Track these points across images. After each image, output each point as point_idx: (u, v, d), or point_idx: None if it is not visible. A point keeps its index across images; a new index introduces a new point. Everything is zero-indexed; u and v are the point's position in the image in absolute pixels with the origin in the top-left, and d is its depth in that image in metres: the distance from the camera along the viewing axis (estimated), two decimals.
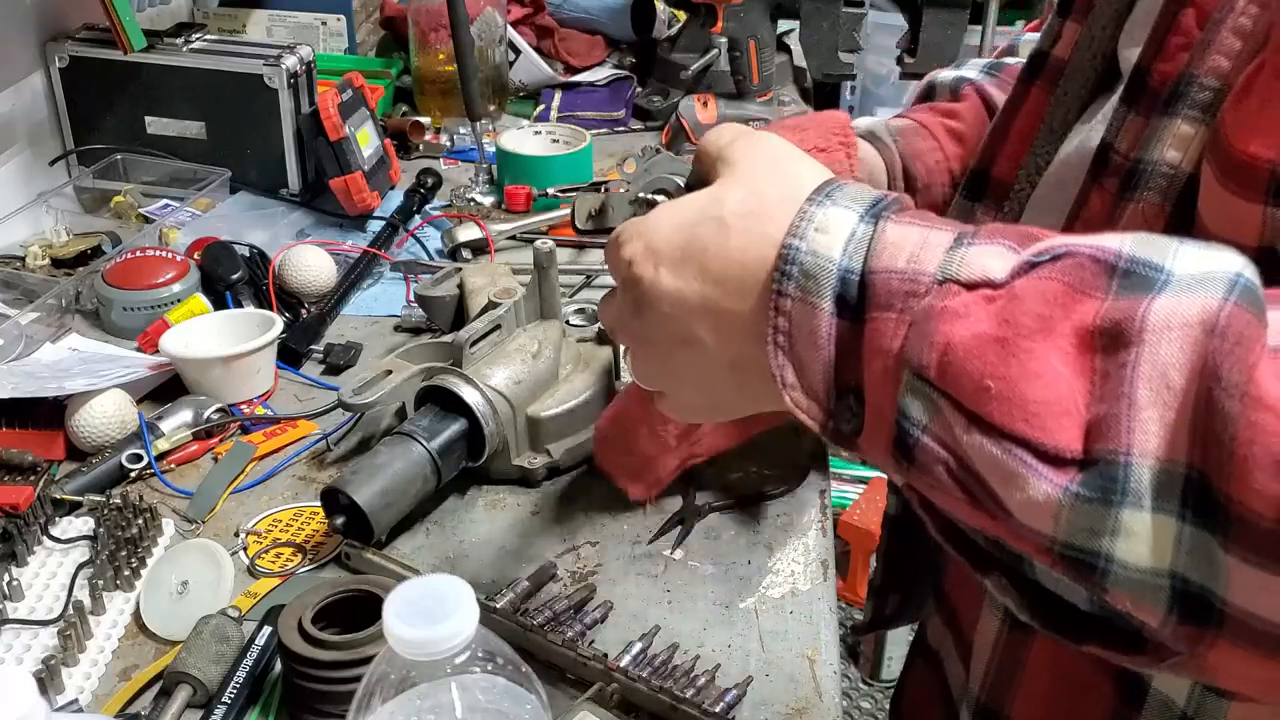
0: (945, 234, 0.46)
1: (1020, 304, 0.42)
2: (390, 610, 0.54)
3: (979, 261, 0.44)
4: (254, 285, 1.23)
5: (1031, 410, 0.41)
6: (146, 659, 0.81)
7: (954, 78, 0.93)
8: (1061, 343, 0.41)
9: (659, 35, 1.91)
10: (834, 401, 0.48)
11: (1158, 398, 0.39)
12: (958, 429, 0.42)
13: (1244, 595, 0.38)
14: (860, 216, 0.47)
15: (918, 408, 0.44)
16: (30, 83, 1.41)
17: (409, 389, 0.98)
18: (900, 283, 0.45)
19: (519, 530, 0.94)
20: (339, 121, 1.37)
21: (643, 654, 0.80)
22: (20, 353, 1.13)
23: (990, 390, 0.41)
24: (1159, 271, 0.41)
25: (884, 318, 0.45)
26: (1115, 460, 0.39)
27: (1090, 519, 0.40)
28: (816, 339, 0.47)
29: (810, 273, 0.47)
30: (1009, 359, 0.41)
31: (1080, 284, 0.42)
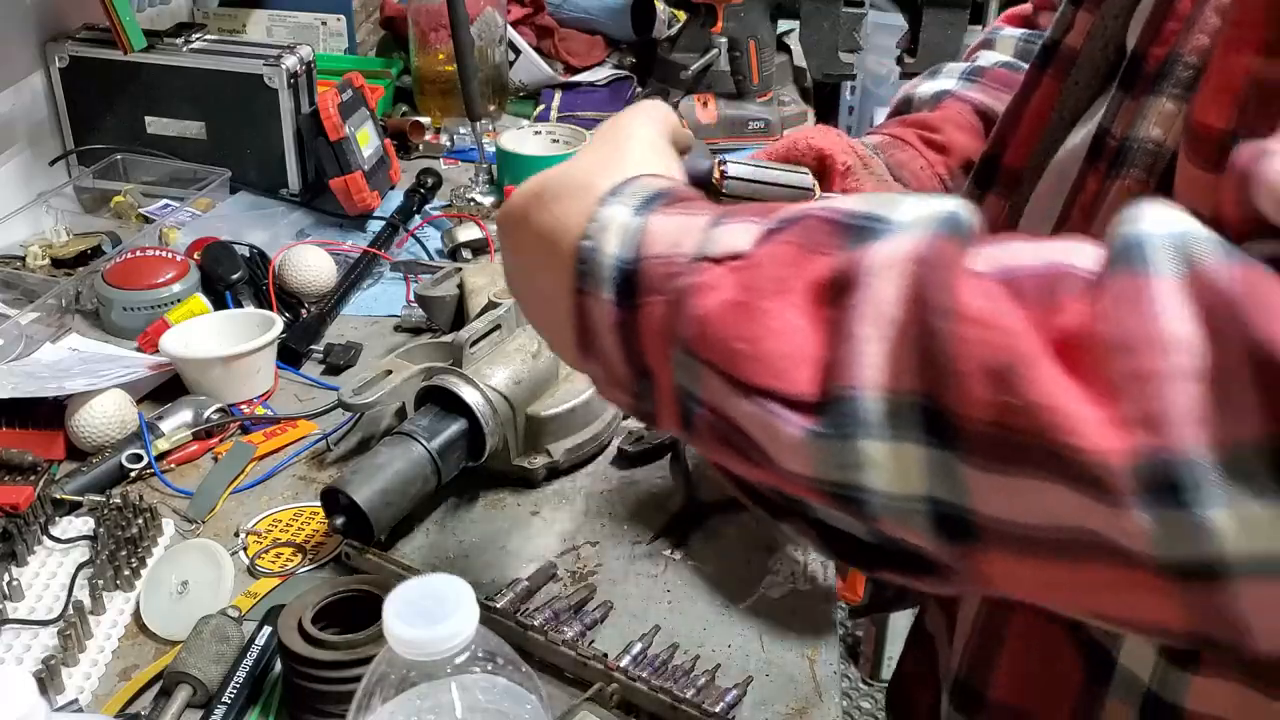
0: (703, 218, 0.49)
1: (759, 269, 0.46)
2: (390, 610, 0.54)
3: (727, 238, 0.48)
4: (254, 285, 1.23)
5: (774, 363, 0.43)
6: (146, 659, 0.81)
7: (933, 92, 0.93)
8: (796, 299, 0.44)
9: (659, 35, 1.91)
10: (635, 385, 0.51)
11: (879, 333, 0.41)
12: (721, 393, 0.45)
13: (988, 503, 0.40)
14: (634, 211, 0.51)
15: (688, 379, 0.47)
16: (30, 83, 1.41)
17: (409, 389, 0.98)
18: (662, 266, 0.48)
19: (519, 530, 0.94)
20: (339, 121, 1.37)
21: (643, 654, 0.80)
22: (20, 353, 1.13)
23: (739, 351, 0.44)
24: (881, 222, 0.44)
25: (653, 300, 0.49)
26: (845, 396, 0.42)
27: (837, 455, 0.42)
28: (606, 329, 0.51)
29: (593, 271, 0.51)
30: (751, 320, 0.44)
31: (812, 244, 0.45)
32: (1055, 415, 0.37)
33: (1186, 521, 0.36)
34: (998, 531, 0.41)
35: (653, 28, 1.91)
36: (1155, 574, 0.38)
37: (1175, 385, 0.36)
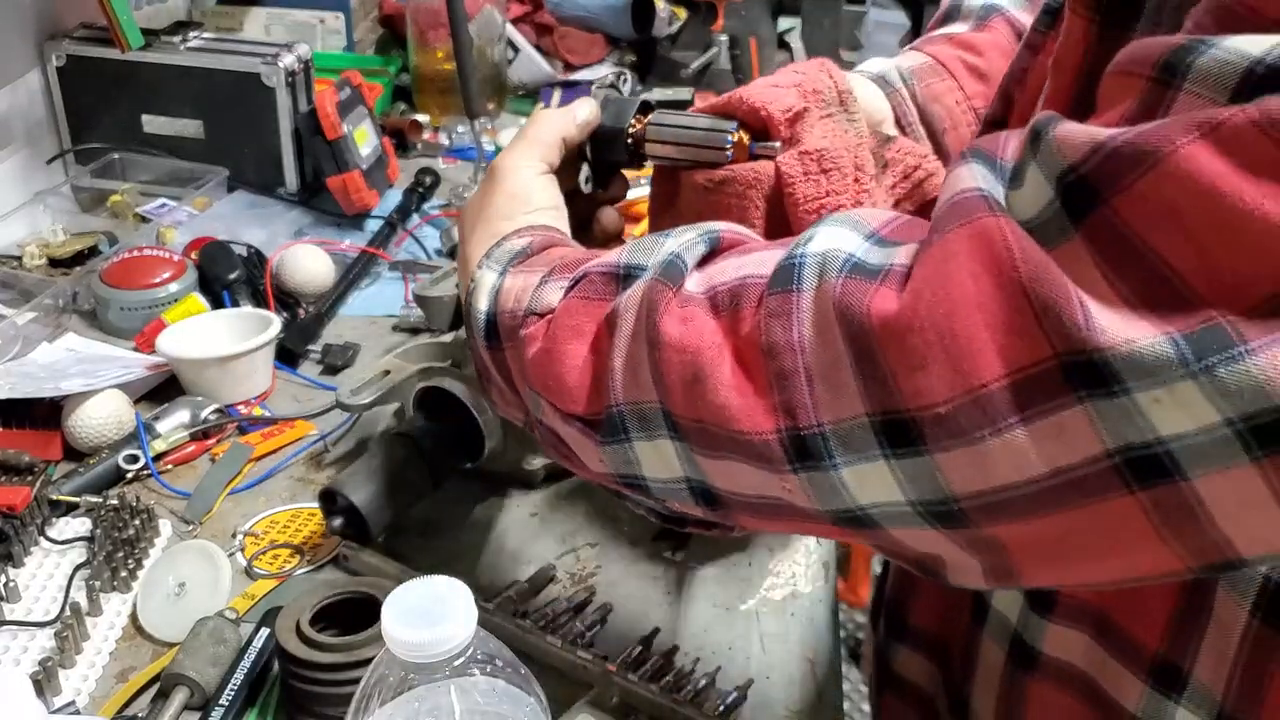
0: (537, 275, 0.61)
1: (558, 321, 0.58)
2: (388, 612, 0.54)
3: (546, 295, 0.60)
4: (251, 285, 1.23)
5: (571, 393, 0.57)
6: (144, 661, 0.81)
7: (983, 4, 0.88)
8: (588, 339, 0.57)
9: (659, 33, 1.91)
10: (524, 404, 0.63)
11: (624, 360, 0.54)
12: (550, 417, 0.59)
13: (719, 481, 0.53)
14: (499, 273, 0.63)
15: (535, 407, 0.61)
16: (27, 81, 1.41)
17: (407, 389, 0.98)
18: (510, 319, 0.61)
19: (518, 531, 0.94)
20: (337, 120, 1.37)
21: (643, 656, 0.80)
22: (17, 353, 1.13)
23: (551, 387, 0.58)
24: (641, 269, 0.56)
25: (509, 347, 0.61)
26: (612, 411, 0.55)
27: (618, 455, 0.56)
28: (489, 370, 0.64)
29: (473, 322, 0.64)
30: (552, 362, 0.58)
31: (596, 295, 0.57)
32: (728, 410, 0.50)
33: (825, 481, 0.48)
34: (734, 501, 0.54)
35: (652, 25, 1.91)
36: (830, 522, 0.50)
37: (801, 379, 0.47)
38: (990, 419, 0.42)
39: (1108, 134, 0.41)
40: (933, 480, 0.45)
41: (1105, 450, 0.41)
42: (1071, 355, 0.40)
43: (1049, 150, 0.43)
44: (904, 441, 0.45)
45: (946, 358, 0.43)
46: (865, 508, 0.48)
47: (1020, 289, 0.41)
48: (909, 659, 0.80)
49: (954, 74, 0.85)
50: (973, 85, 0.85)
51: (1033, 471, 0.42)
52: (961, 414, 0.43)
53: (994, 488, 0.44)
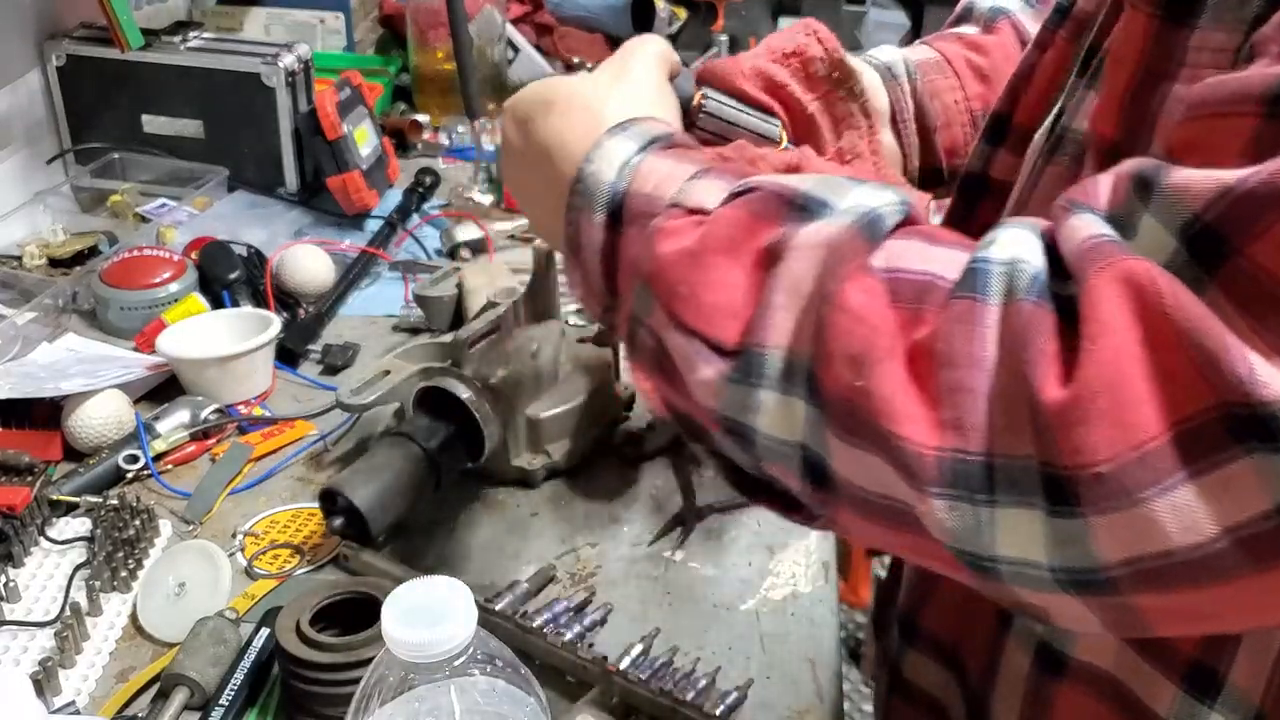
0: (690, 168, 0.56)
1: (714, 226, 0.52)
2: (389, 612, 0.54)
3: (699, 193, 0.54)
4: (251, 285, 1.23)
5: (706, 310, 0.51)
6: (144, 661, 0.81)
7: (991, 7, 0.89)
8: (743, 260, 0.51)
9: (659, 33, 1.91)
10: (606, 300, 0.59)
11: (790, 301, 0.48)
12: (661, 324, 0.53)
13: (841, 464, 0.48)
14: (638, 148, 0.58)
15: (641, 306, 0.55)
16: (27, 81, 1.41)
17: (407, 389, 0.98)
18: (643, 203, 0.56)
19: (519, 531, 0.94)
20: (337, 120, 1.37)
21: (643, 656, 0.80)
22: (17, 353, 1.13)
23: (680, 294, 0.52)
24: (822, 206, 0.50)
25: (630, 232, 0.56)
26: (754, 350, 0.49)
27: (739, 396, 0.50)
28: (590, 247, 0.58)
29: (589, 191, 0.58)
30: (696, 269, 0.52)
31: (763, 213, 0.51)
32: (889, 405, 0.45)
33: (971, 515, 0.43)
34: (846, 489, 0.48)
35: (653, 25, 1.91)
36: (952, 555, 0.45)
37: (979, 398, 0.43)
38: (1155, 477, 0.39)
39: (1236, 177, 0.39)
40: (1082, 546, 0.41)
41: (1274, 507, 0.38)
42: (1235, 406, 0.38)
43: (1166, 199, 0.41)
44: (1060, 499, 0.41)
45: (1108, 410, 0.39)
46: (998, 559, 0.44)
47: (1176, 334, 0.39)
48: (921, 665, 0.78)
49: (958, 73, 0.86)
50: (974, 87, 0.85)
51: (1202, 534, 0.39)
52: (1125, 473, 0.39)
53: (1153, 553, 0.40)
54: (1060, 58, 0.71)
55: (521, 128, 0.66)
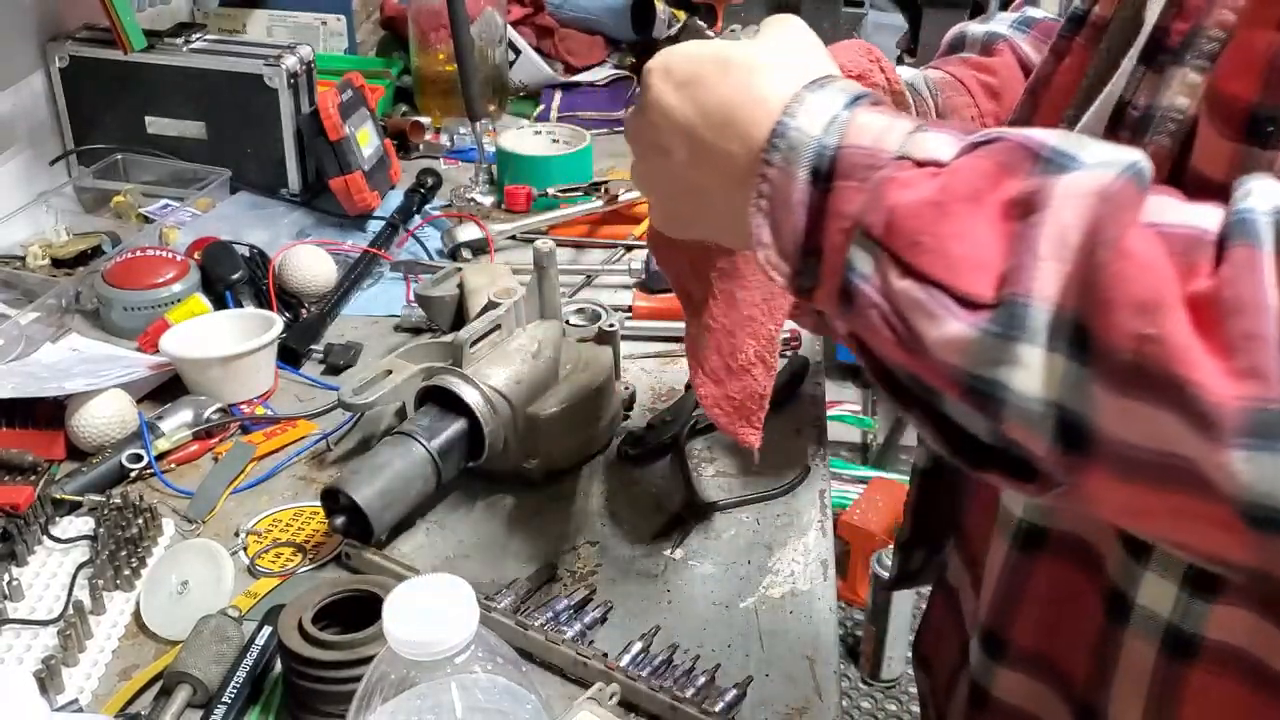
0: (908, 122, 0.55)
1: (957, 175, 0.51)
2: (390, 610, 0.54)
3: (930, 145, 0.53)
4: (254, 285, 1.23)
5: (954, 261, 0.49)
6: (146, 659, 0.81)
7: (985, 32, 0.91)
8: (988, 211, 0.49)
9: (659, 35, 1.91)
10: (799, 261, 0.56)
11: (1056, 252, 0.46)
12: (892, 276, 0.51)
13: (1108, 420, 0.46)
14: (845, 103, 0.56)
15: (862, 259, 0.52)
16: (30, 83, 1.41)
17: (409, 389, 0.98)
18: (863, 157, 0.54)
19: (519, 530, 0.94)
20: (339, 121, 1.37)
21: (643, 654, 0.80)
22: (20, 353, 1.13)
23: (922, 244, 0.50)
24: (1072, 160, 0.49)
25: (847, 185, 0.54)
26: (1017, 301, 0.47)
27: (993, 352, 0.47)
28: (791, 203, 0.55)
29: (794, 145, 0.55)
30: (941, 220, 0.50)
31: (1008, 164, 0.50)
32: (1186, 353, 0.43)
33: (1270, 465, 0.42)
34: (1110, 448, 0.46)
35: (653, 27, 1.91)
36: (1233, 512, 0.43)
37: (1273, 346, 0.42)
38: None
39: None
40: None
41: None
42: None
43: None
44: None
45: None
46: None
47: None
48: (1014, 682, 0.74)
49: (971, 91, 0.88)
50: (987, 104, 0.87)
51: None
52: None
53: None
54: (1079, 63, 0.73)
55: (687, 89, 0.62)
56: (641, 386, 1.13)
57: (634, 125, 0.66)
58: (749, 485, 0.99)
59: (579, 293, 1.29)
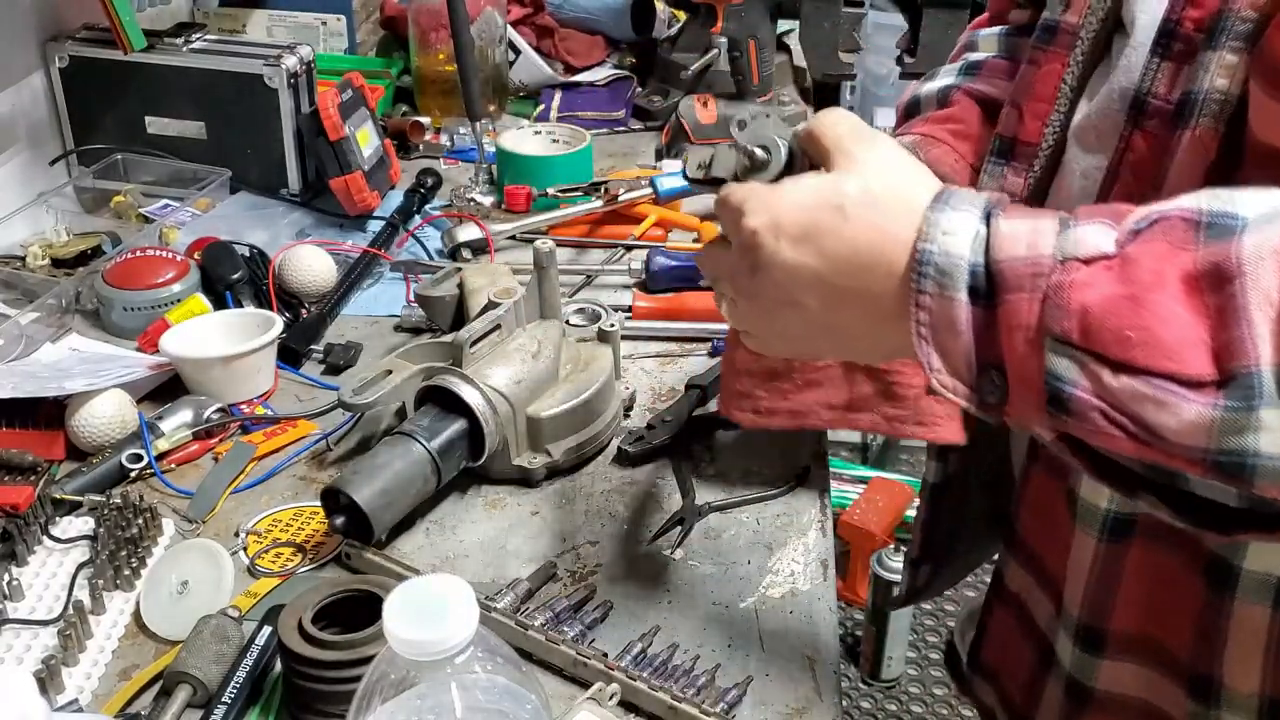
0: (1050, 221, 0.54)
1: (1137, 265, 0.51)
2: (390, 610, 0.54)
3: (1089, 239, 0.53)
4: (254, 285, 1.23)
5: (1169, 348, 0.50)
6: (146, 659, 0.81)
7: (938, 88, 0.94)
8: (1177, 290, 0.50)
9: (659, 35, 1.91)
10: (975, 378, 0.56)
11: (1265, 315, 0.48)
12: (1105, 377, 0.51)
13: None
14: (980, 216, 0.56)
15: (1065, 366, 0.52)
16: (30, 83, 1.41)
17: (409, 389, 0.98)
18: (1025, 267, 0.53)
19: (519, 530, 0.94)
20: (339, 121, 1.37)
21: (643, 654, 0.80)
22: (20, 353, 1.13)
23: (1131, 339, 0.50)
24: (1233, 218, 0.51)
25: (1017, 298, 0.53)
26: (1249, 371, 0.48)
27: (1235, 425, 0.49)
28: (956, 327, 0.55)
29: (945, 270, 0.55)
30: (1140, 311, 0.50)
31: (1177, 240, 0.51)
32: None
33: None
34: None
35: (653, 27, 1.91)
36: None
37: None
38: None
39: None
40: None
41: None
42: None
43: None
44: None
45: None
46: None
47: None
48: (1119, 671, 0.74)
49: (944, 140, 0.89)
50: (962, 145, 0.89)
51: None
52: None
53: None
54: (1054, 70, 0.75)
55: (808, 243, 0.59)
56: (641, 386, 1.13)
57: (751, 287, 0.63)
58: (749, 485, 0.99)
59: (579, 293, 1.29)
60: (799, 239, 0.59)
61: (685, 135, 1.60)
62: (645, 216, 1.42)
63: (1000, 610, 0.87)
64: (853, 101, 2.98)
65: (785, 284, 0.61)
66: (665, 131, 1.66)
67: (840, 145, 0.61)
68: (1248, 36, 0.60)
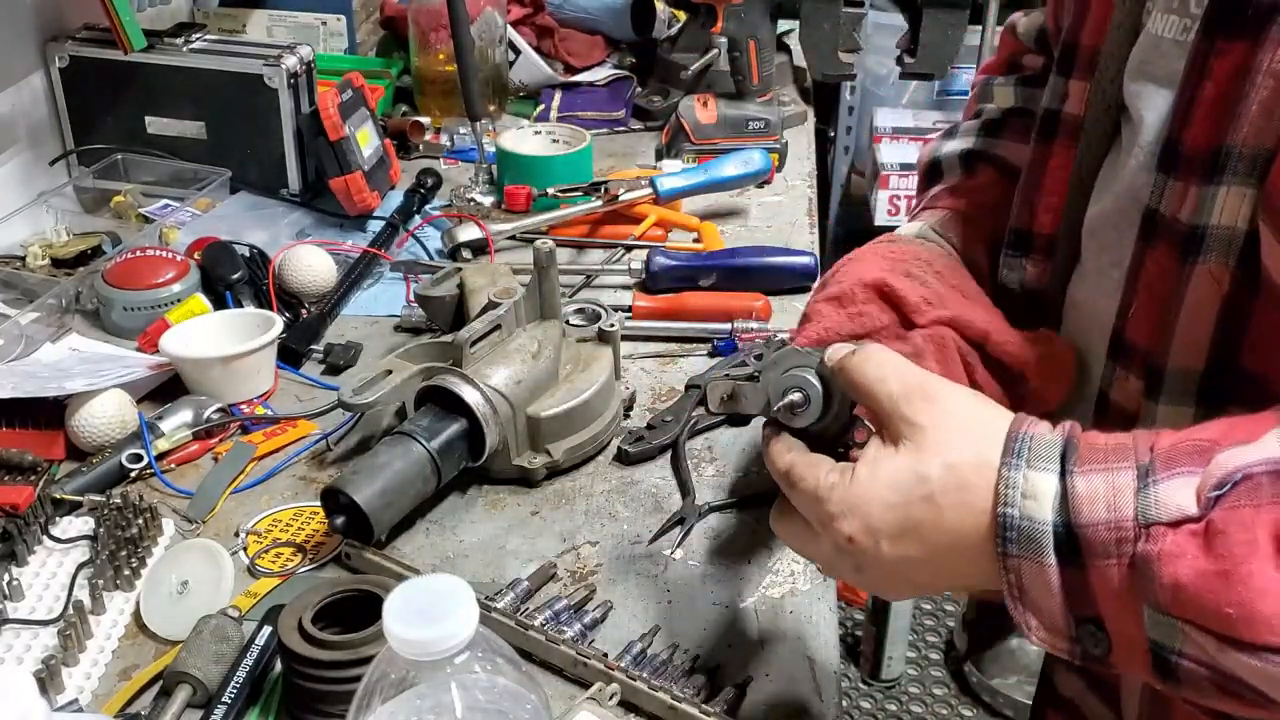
0: (1129, 475, 0.53)
1: (1226, 537, 0.50)
2: (390, 610, 0.54)
3: (1171, 499, 0.52)
4: (254, 285, 1.23)
5: (1271, 622, 0.49)
6: (146, 659, 0.81)
7: (960, 152, 0.91)
8: (1265, 554, 0.49)
9: (659, 35, 1.91)
10: (1075, 630, 0.55)
11: None
12: (1210, 649, 0.51)
13: None
14: (1057, 472, 0.55)
15: (1167, 635, 0.52)
16: (30, 83, 1.41)
17: (409, 389, 0.98)
18: (1108, 532, 0.53)
19: (519, 530, 0.94)
20: (339, 121, 1.37)
21: (643, 654, 0.80)
22: (20, 353, 1.13)
23: (1231, 616, 0.49)
24: None
25: (1105, 565, 0.53)
26: None
27: None
28: (1049, 589, 0.55)
29: (1030, 536, 0.55)
30: (1236, 586, 0.49)
31: (1265, 499, 0.50)
32: None
33: None
34: None
35: (653, 27, 1.91)
36: None
37: None
38: None
39: None
40: None
41: None
42: None
43: None
44: None
45: None
46: None
47: None
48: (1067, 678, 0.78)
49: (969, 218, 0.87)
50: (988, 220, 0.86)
51: None
52: None
53: None
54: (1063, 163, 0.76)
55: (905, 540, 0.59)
56: (641, 386, 1.13)
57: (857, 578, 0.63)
58: (749, 485, 0.99)
59: (579, 293, 1.29)
60: (897, 537, 0.59)
61: (685, 135, 1.60)
62: (645, 216, 1.42)
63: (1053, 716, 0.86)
64: (853, 101, 2.98)
65: (896, 573, 0.61)
66: (665, 131, 1.66)
67: (899, 412, 0.59)
68: (1250, 171, 0.59)
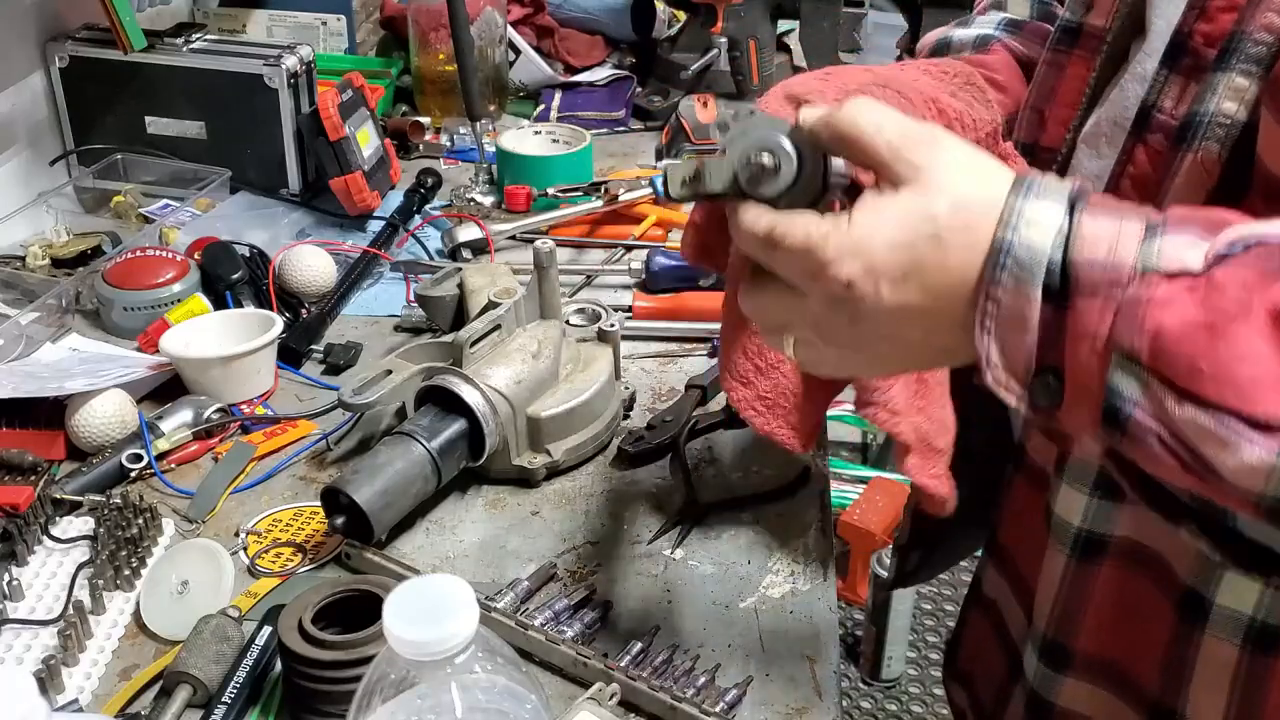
0: (1136, 224, 0.50)
1: (1222, 292, 0.48)
2: (390, 610, 0.54)
3: (1175, 253, 0.49)
4: (254, 285, 1.23)
5: (1242, 386, 0.46)
6: (147, 659, 0.81)
7: (974, 36, 0.88)
8: (1261, 324, 0.47)
9: (659, 35, 1.91)
10: (1031, 379, 0.52)
11: None
12: (1168, 403, 0.48)
13: None
14: (1065, 209, 0.51)
15: (1128, 385, 0.49)
16: (30, 83, 1.41)
17: (409, 389, 0.98)
18: (1103, 273, 0.50)
19: (519, 530, 0.94)
20: (339, 121, 1.37)
21: (643, 654, 0.80)
22: (20, 353, 1.13)
23: (1203, 371, 0.47)
24: None
25: (1089, 304, 0.50)
26: None
27: None
28: (1025, 323, 0.51)
29: (1024, 264, 0.51)
30: (1217, 342, 0.47)
31: (1270, 270, 0.47)
32: None
33: None
34: None
35: (653, 27, 1.91)
36: None
37: None
38: None
39: None
40: None
41: None
42: None
43: None
44: None
45: None
46: None
47: None
48: (1081, 692, 0.74)
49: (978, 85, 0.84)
50: (996, 95, 0.84)
51: None
52: None
53: None
54: (1081, 73, 0.73)
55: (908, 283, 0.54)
56: (641, 386, 1.13)
57: (849, 337, 0.57)
58: (749, 485, 0.99)
59: (579, 293, 1.29)
60: (900, 280, 0.54)
61: (685, 135, 1.60)
62: (645, 216, 1.42)
63: (976, 615, 0.87)
64: None
65: (890, 326, 0.55)
66: (665, 131, 1.66)
67: (900, 156, 0.54)
68: (1261, 60, 0.58)
